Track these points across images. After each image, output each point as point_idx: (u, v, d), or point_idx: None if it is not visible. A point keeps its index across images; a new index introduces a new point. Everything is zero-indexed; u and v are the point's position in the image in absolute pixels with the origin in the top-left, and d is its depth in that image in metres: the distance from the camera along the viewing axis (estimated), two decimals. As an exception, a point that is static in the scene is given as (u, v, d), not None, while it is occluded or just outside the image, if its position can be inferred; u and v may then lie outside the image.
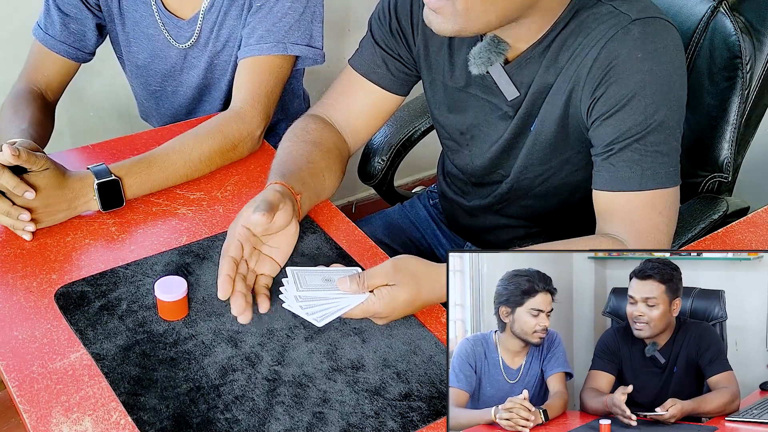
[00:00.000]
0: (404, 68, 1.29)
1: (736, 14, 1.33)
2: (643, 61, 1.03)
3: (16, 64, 1.54)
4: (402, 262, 1.00)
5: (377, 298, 0.98)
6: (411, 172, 2.62)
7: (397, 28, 1.26)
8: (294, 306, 0.98)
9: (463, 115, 1.25)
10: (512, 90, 1.16)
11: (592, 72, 1.06)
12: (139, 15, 1.49)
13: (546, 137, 1.16)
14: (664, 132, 1.05)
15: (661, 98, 1.04)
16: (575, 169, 1.19)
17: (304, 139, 1.25)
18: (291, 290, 1.00)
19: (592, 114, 1.08)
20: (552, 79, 1.12)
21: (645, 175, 1.05)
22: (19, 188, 1.11)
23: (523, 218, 1.31)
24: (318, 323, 0.97)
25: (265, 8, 1.40)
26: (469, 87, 1.22)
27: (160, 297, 1.01)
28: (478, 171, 1.29)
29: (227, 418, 0.90)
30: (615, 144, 1.06)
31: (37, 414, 0.90)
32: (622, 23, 1.05)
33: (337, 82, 1.34)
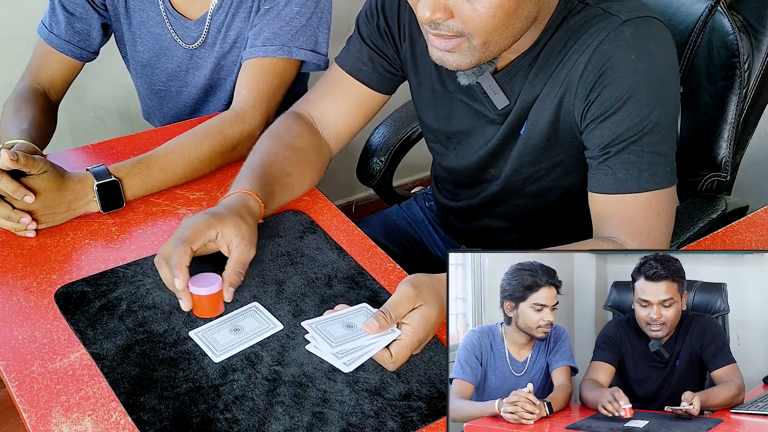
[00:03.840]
0: (391, 68, 1.28)
1: (734, 13, 1.33)
2: (636, 62, 1.03)
3: (17, 64, 1.55)
4: (419, 281, 0.96)
5: (412, 326, 0.94)
6: (410, 172, 2.63)
7: (384, 28, 1.25)
8: (328, 356, 0.96)
9: (450, 121, 1.24)
10: (502, 99, 1.15)
11: (585, 75, 1.06)
12: (146, 15, 1.49)
13: (536, 141, 1.15)
14: (660, 132, 1.05)
15: (656, 99, 1.04)
16: (567, 171, 1.19)
17: (285, 142, 1.24)
18: (325, 347, 0.96)
19: (587, 117, 1.07)
20: (541, 85, 1.11)
21: (643, 177, 1.05)
22: (18, 192, 1.11)
23: (515, 219, 1.31)
24: (347, 368, 0.95)
25: (274, 11, 1.40)
26: (457, 93, 1.21)
27: (194, 292, 1.00)
28: (467, 171, 1.28)
29: (227, 418, 0.91)
30: (611, 146, 1.06)
31: (37, 414, 0.90)
32: (612, 25, 1.04)
33: (323, 80, 1.33)
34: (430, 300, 0.95)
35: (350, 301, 1.04)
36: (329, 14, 1.45)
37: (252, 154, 1.22)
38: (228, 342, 0.99)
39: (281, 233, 1.19)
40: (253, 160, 1.20)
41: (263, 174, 1.17)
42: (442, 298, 0.95)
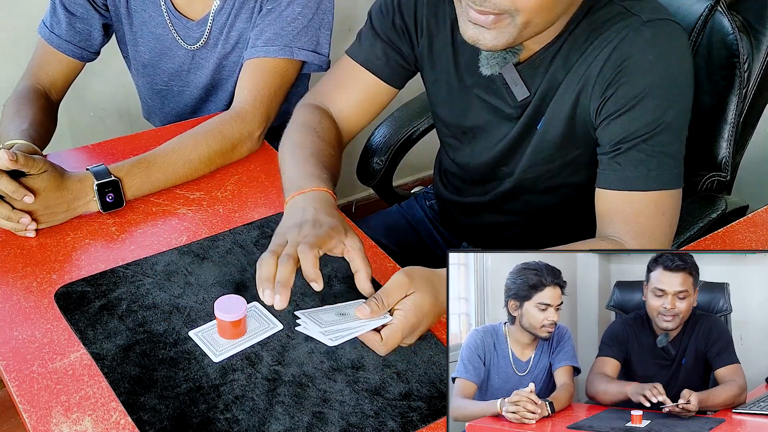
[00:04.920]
0: (404, 62, 1.28)
1: (734, 13, 1.33)
2: (654, 63, 1.04)
3: (17, 64, 1.54)
4: (413, 271, 0.95)
5: (404, 311, 0.92)
6: (410, 172, 2.63)
7: (401, 24, 1.25)
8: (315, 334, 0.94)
9: (466, 115, 1.25)
10: (523, 90, 1.16)
11: (603, 72, 1.07)
12: (148, 15, 1.49)
13: (553, 136, 1.16)
14: (671, 133, 1.06)
15: (671, 100, 1.05)
16: (579, 167, 1.19)
17: (322, 138, 1.22)
18: (314, 328, 0.95)
19: (601, 113, 1.08)
20: (561, 78, 1.12)
21: (650, 176, 1.06)
22: (17, 193, 1.11)
23: (522, 214, 1.31)
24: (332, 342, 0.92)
25: (275, 11, 1.40)
26: (474, 87, 1.22)
27: (219, 317, 0.99)
28: (481, 168, 1.29)
29: (227, 418, 0.90)
30: (622, 143, 1.06)
31: (37, 414, 0.90)
32: (634, 24, 1.06)
33: (333, 73, 1.32)
34: (422, 288, 0.94)
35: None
36: (331, 15, 1.45)
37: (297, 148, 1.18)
38: (228, 342, 0.99)
39: (281, 233, 1.19)
40: (306, 156, 1.16)
41: (324, 170, 1.14)
42: (436, 288, 0.95)
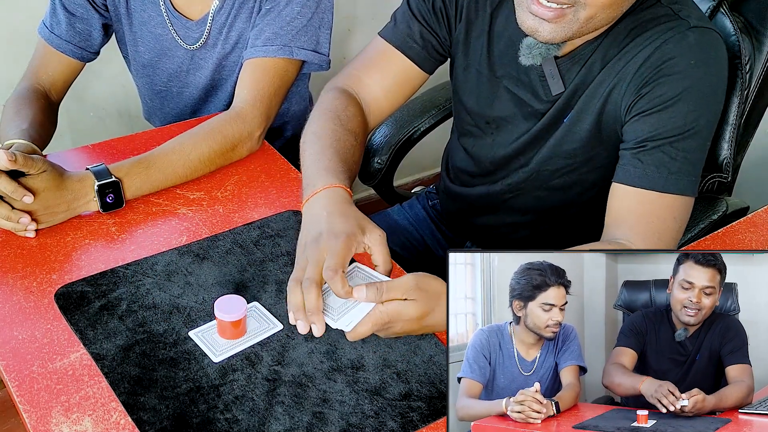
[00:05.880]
0: (439, 47, 1.27)
1: (736, 14, 1.34)
2: (695, 68, 1.05)
3: (17, 64, 1.54)
4: (425, 282, 0.93)
5: (386, 309, 0.91)
6: (411, 171, 2.62)
7: (441, 8, 1.24)
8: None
9: (492, 106, 1.24)
10: (559, 85, 1.15)
11: (642, 70, 1.07)
12: (147, 15, 1.49)
13: (579, 130, 1.16)
14: (698, 141, 1.06)
15: (704, 108, 1.06)
16: (597, 166, 1.19)
17: (345, 127, 1.19)
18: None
19: (632, 110, 1.08)
20: (596, 73, 1.12)
21: (670, 179, 1.06)
22: (17, 193, 1.11)
23: (532, 212, 1.30)
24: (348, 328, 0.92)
25: (275, 11, 1.40)
26: (504, 79, 1.21)
27: (219, 317, 0.99)
28: (498, 159, 1.28)
29: (227, 418, 0.90)
30: (648, 141, 1.06)
31: (37, 414, 0.90)
32: (680, 28, 1.06)
33: (366, 54, 1.30)
34: (423, 300, 0.92)
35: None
36: (331, 15, 1.45)
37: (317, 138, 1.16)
38: (228, 342, 0.99)
39: (281, 233, 1.19)
40: (324, 147, 1.14)
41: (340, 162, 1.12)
42: (433, 306, 0.93)
